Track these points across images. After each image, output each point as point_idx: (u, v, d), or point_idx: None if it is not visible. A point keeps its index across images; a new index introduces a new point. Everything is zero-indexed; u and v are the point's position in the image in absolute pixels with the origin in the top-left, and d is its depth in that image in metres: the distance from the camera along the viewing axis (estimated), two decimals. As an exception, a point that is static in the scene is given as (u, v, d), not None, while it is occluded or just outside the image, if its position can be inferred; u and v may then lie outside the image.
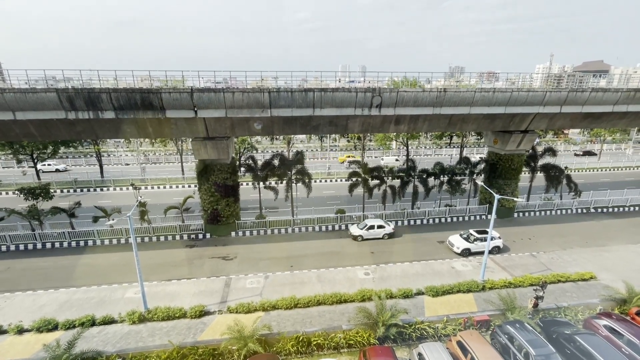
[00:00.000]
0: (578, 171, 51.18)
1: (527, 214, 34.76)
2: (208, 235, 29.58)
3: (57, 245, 27.88)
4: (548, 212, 35.14)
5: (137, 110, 23.21)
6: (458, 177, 33.91)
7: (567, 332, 16.85)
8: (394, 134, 55.50)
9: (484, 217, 33.84)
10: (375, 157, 63.26)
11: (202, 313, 19.11)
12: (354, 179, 32.27)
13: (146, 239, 28.84)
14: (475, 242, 26.33)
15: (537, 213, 34.94)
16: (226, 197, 28.76)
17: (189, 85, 25.32)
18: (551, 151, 35.95)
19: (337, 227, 31.32)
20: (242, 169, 33.28)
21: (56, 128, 24.26)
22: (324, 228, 31.15)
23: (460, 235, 27.56)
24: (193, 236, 29.39)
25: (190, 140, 28.03)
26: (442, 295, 20.93)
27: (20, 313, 19.08)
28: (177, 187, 44.86)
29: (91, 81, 25.00)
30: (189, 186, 43.64)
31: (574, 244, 28.34)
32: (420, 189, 33.17)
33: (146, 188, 43.84)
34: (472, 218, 33.79)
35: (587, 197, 36.21)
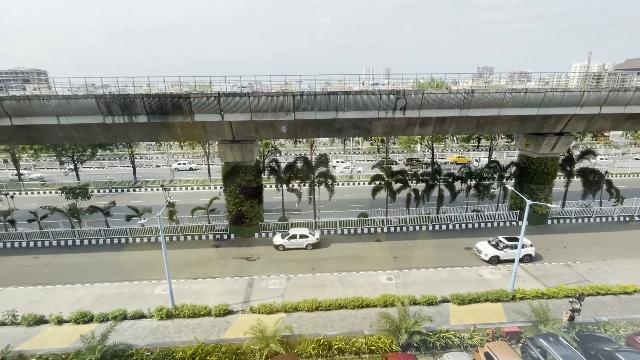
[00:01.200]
0: (620, 176, 47.78)
1: (562, 221, 32.82)
2: (232, 236, 30.29)
3: (93, 242, 29.59)
4: (586, 220, 33.00)
5: (168, 114, 24.28)
6: (486, 182, 32.66)
7: (607, 349, 15.67)
8: (419, 136, 54.38)
9: (514, 223, 32.32)
10: (399, 160, 62.31)
11: (226, 312, 19.56)
12: (377, 182, 31.93)
13: (174, 238, 29.97)
14: (504, 250, 25.19)
15: (574, 220, 32.90)
16: (250, 198, 29.34)
17: (216, 90, 26.17)
18: (590, 154, 33.82)
19: (359, 231, 31.06)
20: (266, 171, 33.86)
21: (94, 131, 25.84)
22: (346, 231, 31.00)
23: (489, 242, 26.47)
24: (218, 236, 30.20)
25: (217, 143, 28.90)
26: (468, 303, 20.17)
27: (60, 305, 20.38)
28: (203, 188, 46.33)
29: (126, 87, 26.47)
30: (215, 188, 44.93)
31: (615, 254, 26.40)
32: (446, 193, 32.27)
33: (175, 189, 45.61)
34: (501, 224, 32.36)
35: (631, 204, 33.67)
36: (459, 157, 59.15)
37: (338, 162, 57.08)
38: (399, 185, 31.75)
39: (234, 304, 20.30)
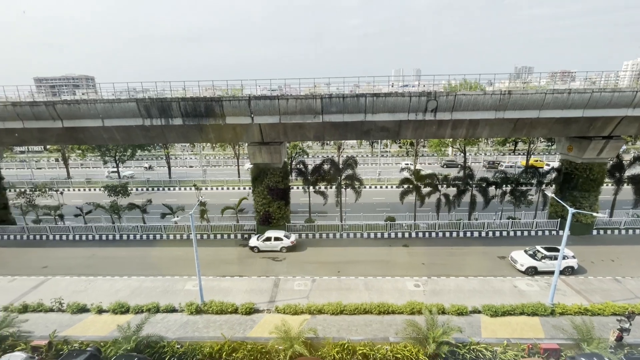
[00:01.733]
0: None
1: (609, 231, 30.28)
2: (260, 236, 30.87)
3: (131, 237, 31.36)
4: (637, 231, 30.23)
5: (201, 117, 25.27)
6: (523, 187, 30.88)
7: (661, 375, 14.21)
8: (450, 139, 52.62)
9: (553, 232, 30.27)
10: (429, 163, 60.66)
11: (252, 310, 19.93)
12: (405, 186, 31.24)
13: (205, 236, 31.05)
14: (543, 260, 23.63)
15: (623, 231, 30.24)
16: (277, 200, 29.78)
17: (247, 93, 26.89)
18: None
19: (386, 235, 30.51)
20: (294, 173, 34.24)
21: (134, 133, 27.44)
22: (372, 235, 30.57)
23: (525, 251, 24.95)
24: (246, 236, 30.90)
25: (247, 144, 29.66)
26: (502, 316, 19.10)
27: (100, 295, 21.76)
28: (233, 188, 47.71)
29: (164, 91, 27.88)
30: (244, 188, 46.10)
31: (673, 271, 23.93)
32: (479, 198, 30.89)
33: (206, 189, 47.33)
34: (540, 233, 30.42)
35: (692, 216, 30.42)
36: (537, 160, 55.82)
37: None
38: (428, 189, 30.86)
39: (259, 303, 20.64)
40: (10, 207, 33.89)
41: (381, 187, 47.22)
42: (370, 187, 46.30)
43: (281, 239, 27.68)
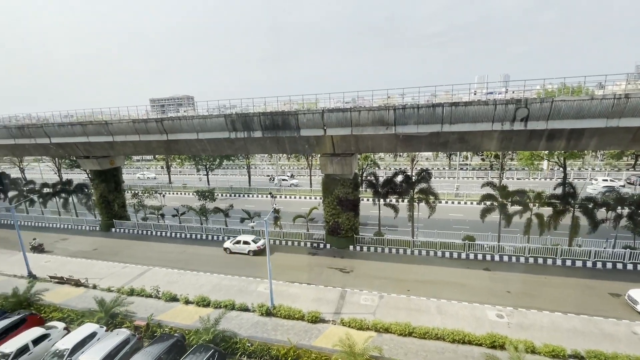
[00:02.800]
0: None
1: None
2: (328, 246, 31.22)
3: (215, 237, 34.82)
4: None
5: (278, 129, 27.04)
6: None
7: None
8: (545, 152, 45.99)
9: (695, 270, 23.77)
10: (518, 178, 54.02)
11: (318, 319, 20.10)
12: (487, 203, 28.26)
13: (277, 242, 32.72)
14: (677, 305, 18.68)
15: None
16: (347, 211, 29.82)
17: (321, 106, 27.88)
18: None
19: (463, 256, 27.89)
20: (364, 184, 33.97)
21: (222, 145, 30.71)
22: (447, 254, 28.26)
23: (650, 290, 20.08)
24: (315, 244, 31.58)
25: (319, 156, 30.60)
26: (614, 367, 15.60)
27: (187, 288, 24.55)
28: (305, 198, 49.49)
29: (248, 107, 30.73)
30: (315, 198, 47.44)
31: None
32: (583, 221, 26.14)
33: (280, 197, 50.07)
34: (673, 269, 24.22)
35: None
36: None
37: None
38: (516, 208, 27.35)
39: (325, 313, 20.72)
40: (127, 205, 40.95)
41: (459, 203, 43.61)
42: (446, 202, 43.20)
43: (249, 243, 30.31)
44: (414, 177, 30.36)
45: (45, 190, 41.97)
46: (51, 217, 42.28)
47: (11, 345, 17.18)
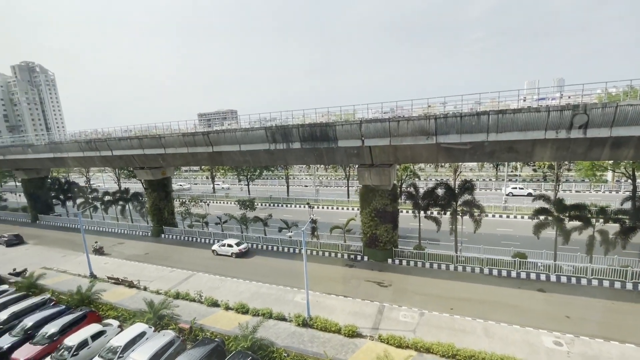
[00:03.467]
0: None
1: None
2: (366, 258, 30.60)
3: (254, 246, 35.77)
4: None
5: (316, 141, 27.42)
6: None
7: None
8: (610, 161, 41.44)
9: None
10: (577, 191, 49.28)
11: (354, 334, 19.61)
12: (541, 218, 26.02)
13: (314, 252, 32.76)
14: None
15: None
16: (385, 223, 29.12)
17: (359, 117, 27.84)
18: None
19: (514, 274, 25.78)
20: (403, 196, 33.02)
21: (262, 156, 31.81)
22: (495, 272, 26.31)
23: None
24: (352, 256, 31.13)
25: (357, 166, 30.41)
26: None
27: (228, 294, 25.35)
28: (342, 209, 49.26)
29: (287, 119, 31.59)
30: (353, 209, 47.00)
31: None
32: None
33: (318, 207, 50.34)
34: None
35: None
36: None
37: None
38: (575, 223, 24.85)
39: (362, 328, 20.17)
40: (175, 213, 43.73)
41: (508, 217, 40.68)
42: (493, 216, 40.53)
43: (232, 246, 32.86)
44: (457, 189, 28.94)
45: (107, 198, 46.32)
46: (110, 223, 46.45)
47: (74, 339, 18.91)
